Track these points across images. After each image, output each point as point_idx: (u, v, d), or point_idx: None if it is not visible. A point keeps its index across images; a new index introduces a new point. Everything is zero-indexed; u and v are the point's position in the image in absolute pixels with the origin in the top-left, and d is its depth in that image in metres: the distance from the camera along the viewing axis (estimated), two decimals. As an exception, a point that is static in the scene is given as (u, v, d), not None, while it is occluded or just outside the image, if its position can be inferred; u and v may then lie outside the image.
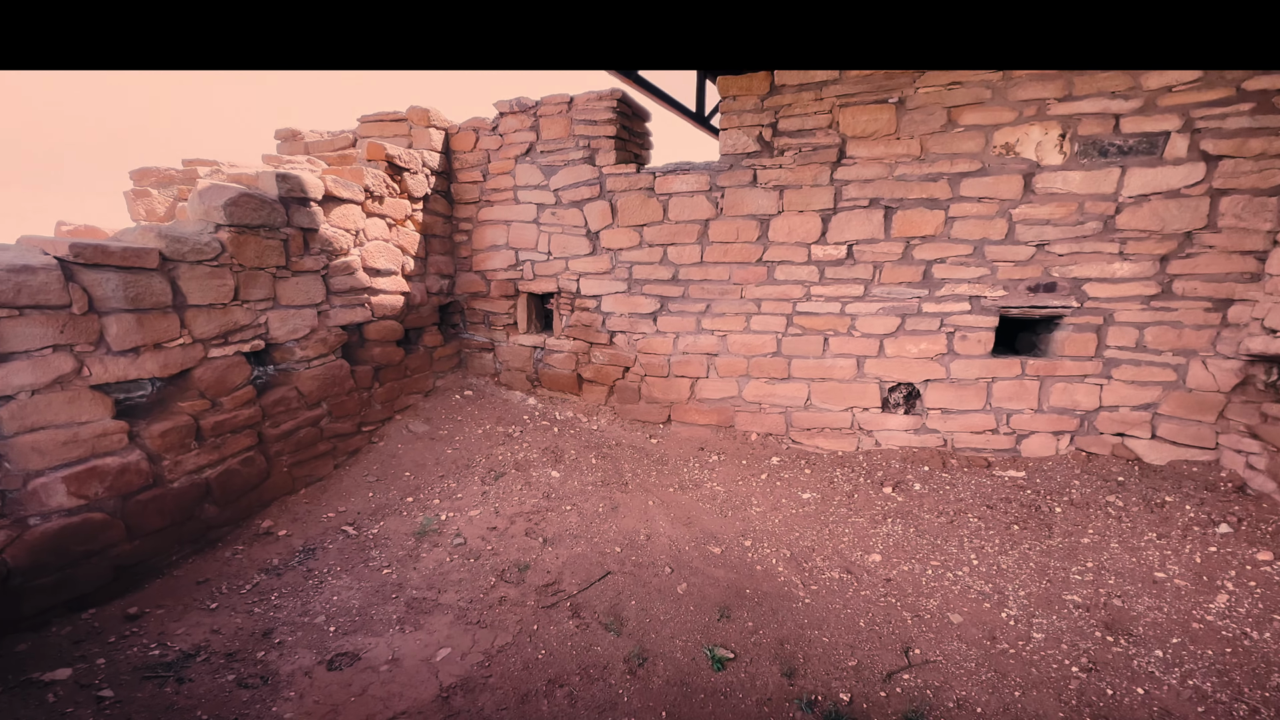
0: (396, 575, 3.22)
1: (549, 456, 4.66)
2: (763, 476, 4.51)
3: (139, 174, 4.55)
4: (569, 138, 5.15)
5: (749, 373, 4.99)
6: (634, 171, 5.01)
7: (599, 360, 5.42)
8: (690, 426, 5.23)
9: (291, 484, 3.93)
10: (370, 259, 4.59)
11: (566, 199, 5.25)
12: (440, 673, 2.53)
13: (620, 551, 3.56)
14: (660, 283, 5.10)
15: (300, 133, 5.87)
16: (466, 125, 5.52)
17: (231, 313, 3.49)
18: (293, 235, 3.88)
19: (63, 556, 2.66)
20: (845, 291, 4.63)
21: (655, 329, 5.19)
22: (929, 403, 4.58)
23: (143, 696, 2.21)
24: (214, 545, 3.34)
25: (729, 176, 4.75)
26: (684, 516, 4.00)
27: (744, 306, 4.91)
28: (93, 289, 2.79)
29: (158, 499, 3.05)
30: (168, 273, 3.13)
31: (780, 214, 4.68)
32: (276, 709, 2.25)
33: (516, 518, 3.86)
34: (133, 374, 2.97)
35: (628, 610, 3.06)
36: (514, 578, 3.27)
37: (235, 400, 3.49)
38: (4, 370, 2.49)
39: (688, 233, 4.94)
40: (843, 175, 4.48)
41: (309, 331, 4.04)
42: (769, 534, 3.82)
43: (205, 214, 3.45)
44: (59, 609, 2.65)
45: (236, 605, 2.87)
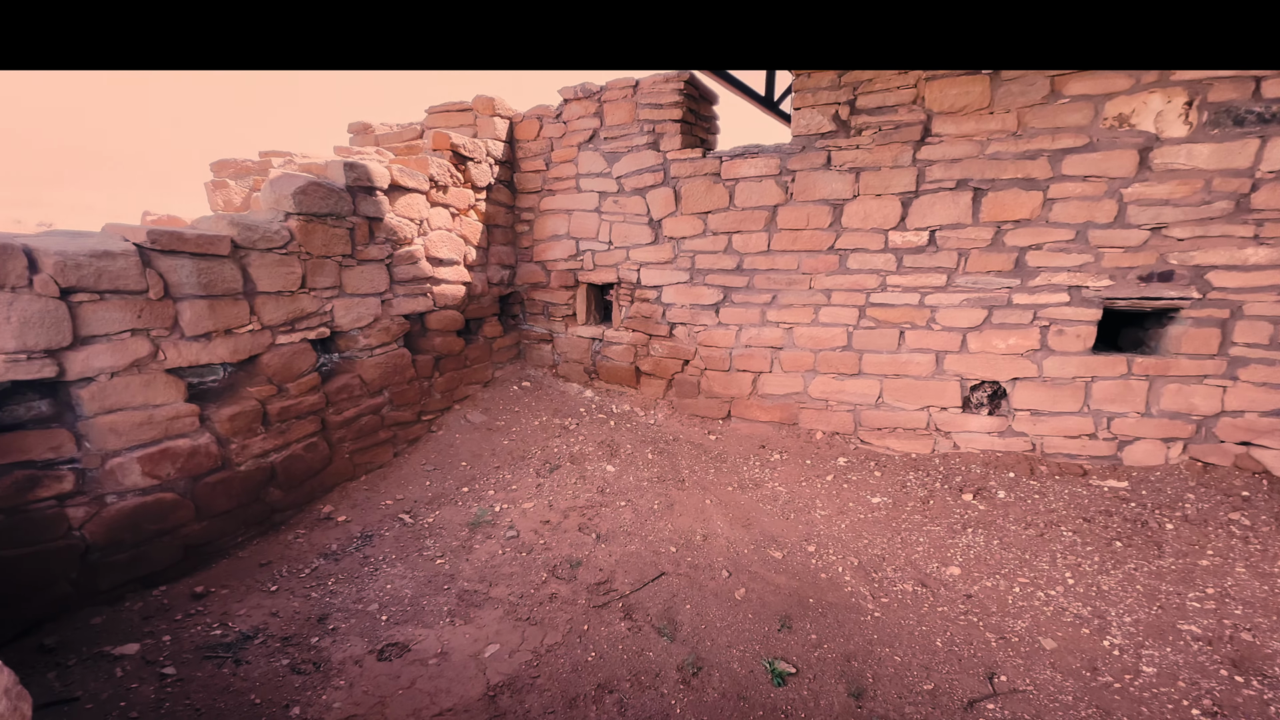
0: (449, 566, 3.20)
1: (604, 450, 4.57)
2: (828, 478, 4.26)
3: (218, 165, 4.75)
4: (633, 123, 5.01)
5: (816, 368, 4.73)
6: (699, 156, 4.83)
7: (658, 353, 5.28)
8: (751, 423, 5.02)
9: (352, 470, 3.99)
10: (433, 248, 4.62)
11: (629, 186, 5.12)
12: (488, 670, 2.48)
13: (675, 551, 3.43)
14: (724, 272, 4.90)
15: (371, 126, 6.00)
16: (530, 113, 5.48)
17: (299, 300, 3.55)
18: (358, 224, 3.92)
19: (137, 534, 2.77)
20: (925, 281, 4.28)
21: (717, 321, 5.00)
22: (1017, 403, 4.18)
23: (201, 676, 2.25)
24: (277, 528, 3.43)
25: (801, 159, 4.49)
26: (743, 517, 3.82)
27: (812, 297, 4.64)
28: (168, 275, 2.88)
29: (225, 481, 3.14)
30: (239, 260, 3.21)
31: (855, 198, 4.38)
32: (326, 697, 2.24)
33: (570, 512, 3.78)
34: (204, 359, 3.05)
35: (682, 614, 2.92)
36: (566, 574, 3.19)
37: (300, 386, 3.57)
38: (85, 353, 2.59)
39: (754, 220, 4.72)
40: (926, 155, 4.13)
41: (372, 320, 4.09)
42: (835, 540, 3.60)
43: (276, 202, 3.52)
44: (132, 584, 2.76)
45: (295, 589, 2.92)
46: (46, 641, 2.35)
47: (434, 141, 4.79)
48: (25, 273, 2.39)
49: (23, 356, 2.40)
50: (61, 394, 2.56)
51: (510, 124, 5.52)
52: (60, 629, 2.45)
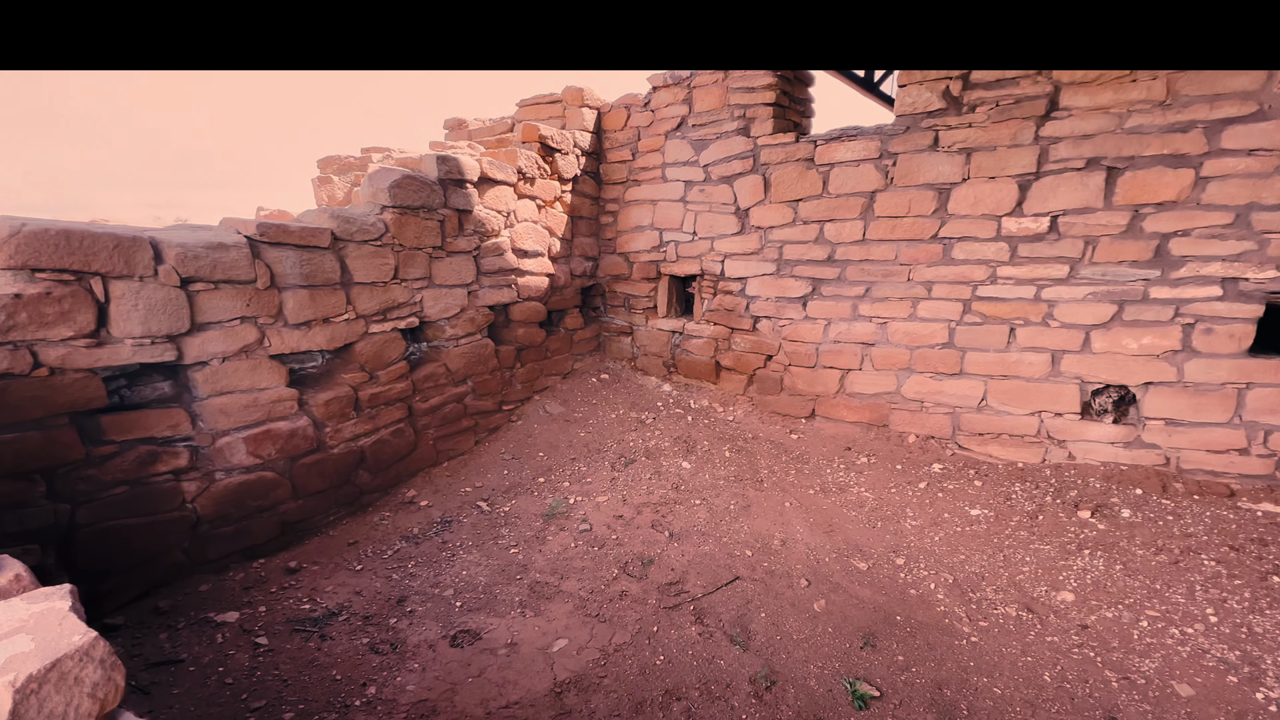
0: (522, 556, 3.23)
1: (680, 446, 4.48)
2: (920, 485, 3.96)
3: (324, 162, 5.05)
4: (723, 108, 4.84)
5: (911, 366, 4.38)
6: (792, 141, 4.59)
7: (739, 347, 5.10)
8: (836, 423, 4.74)
9: (435, 456, 4.14)
10: (519, 240, 4.68)
11: (716, 175, 4.96)
12: (555, 665, 2.46)
13: (751, 555, 3.29)
14: (813, 264, 4.65)
15: (465, 121, 6.19)
16: (618, 103, 5.44)
17: (391, 290, 3.70)
18: (449, 216, 4.03)
19: (241, 509, 2.99)
20: (1043, 273, 3.84)
21: (804, 315, 4.75)
22: (1149, 410, 3.67)
23: (290, 648, 2.39)
24: (364, 509, 3.61)
25: (904, 141, 4.15)
26: (825, 523, 3.61)
27: (911, 290, 4.30)
28: (275, 266, 3.06)
29: (319, 463, 3.33)
30: (338, 251, 3.37)
31: (964, 182, 4.00)
32: (401, 679, 2.30)
33: (644, 508, 3.72)
34: (304, 346, 3.24)
35: (756, 623, 2.79)
36: (637, 572, 3.13)
37: (390, 374, 3.72)
38: (200, 338, 2.81)
39: (849, 207, 4.43)
40: (1052, 131, 3.69)
41: (459, 310, 4.20)
42: (926, 553, 3.33)
43: (373, 196, 3.67)
44: (235, 556, 2.99)
45: (378, 569, 3.05)
46: (161, 604, 2.59)
47: (523, 134, 4.85)
48: (151, 263, 2.61)
49: (148, 341, 2.62)
50: (179, 376, 2.80)
51: (598, 114, 5.50)
52: (173, 594, 2.69)
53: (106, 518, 2.54)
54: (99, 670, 0.99)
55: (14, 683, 0.89)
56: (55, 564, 2.35)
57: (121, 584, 2.59)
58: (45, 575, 2.26)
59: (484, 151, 4.69)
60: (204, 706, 2.05)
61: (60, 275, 2.36)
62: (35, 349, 2.30)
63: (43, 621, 1.04)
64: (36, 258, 2.29)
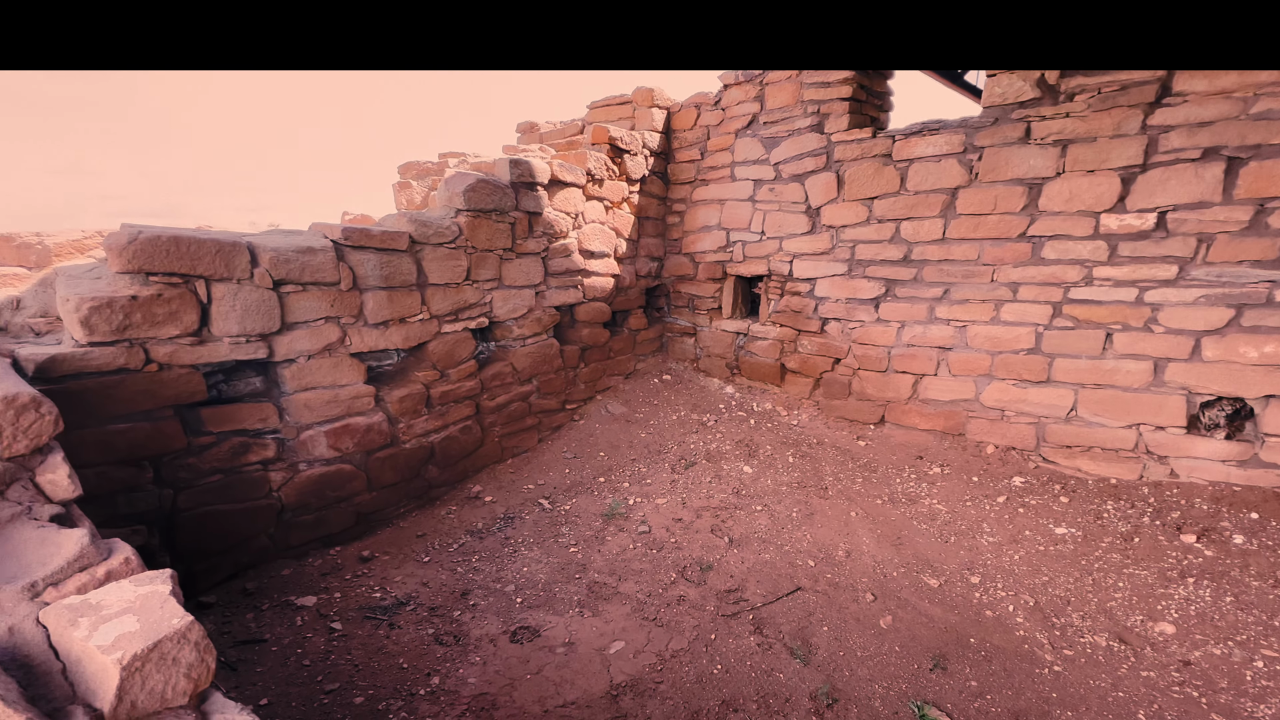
0: (581, 555, 3.27)
1: (742, 450, 4.40)
2: (999, 500, 3.73)
3: (404, 168, 5.27)
4: (796, 104, 4.72)
5: (992, 372, 4.13)
6: (868, 136, 4.41)
7: (806, 350, 4.96)
8: (908, 430, 4.54)
9: (500, 453, 4.25)
10: (586, 241, 4.74)
11: (787, 173, 4.84)
12: (612, 667, 2.47)
13: (814, 566, 3.20)
14: (888, 264, 4.46)
15: (537, 124, 6.31)
16: (689, 102, 5.40)
17: (463, 291, 3.82)
18: (519, 218, 4.12)
19: (320, 499, 3.18)
20: (1148, 274, 3.52)
21: (876, 317, 4.57)
22: (1269, 426, 3.30)
23: (362, 634, 2.52)
24: (432, 503, 3.75)
25: (991, 134, 3.91)
26: (893, 535, 3.47)
27: (994, 292, 4.05)
28: (357, 268, 3.22)
29: (392, 457, 3.48)
30: (414, 254, 3.51)
31: (1059, 176, 3.72)
32: (463, 671, 2.38)
33: (703, 511, 3.69)
34: (381, 345, 3.40)
35: (818, 636, 2.71)
36: (695, 577, 3.11)
37: (460, 373, 3.85)
38: (289, 337, 3.00)
39: (928, 205, 4.22)
40: (1162, 119, 3.37)
41: (526, 311, 4.30)
42: (1005, 572, 3.14)
43: (448, 200, 3.81)
44: (314, 544, 3.18)
45: (444, 562, 3.17)
46: (248, 586, 2.79)
47: (593, 136, 4.89)
48: (248, 267, 2.81)
49: (243, 339, 2.82)
50: (269, 373, 3.00)
51: (667, 115, 5.48)
52: (259, 576, 2.90)
53: (203, 503, 2.76)
54: (194, 652, 1.07)
55: (121, 660, 0.98)
56: (159, 544, 2.58)
57: (214, 565, 2.81)
58: (150, 555, 2.48)
59: (554, 154, 4.77)
60: (283, 686, 2.19)
61: (170, 278, 2.57)
62: (147, 346, 2.52)
63: (147, 603, 1.13)
64: (150, 262, 2.50)
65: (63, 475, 1.57)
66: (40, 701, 0.97)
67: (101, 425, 2.41)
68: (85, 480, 1.61)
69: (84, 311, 2.34)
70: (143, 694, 1.01)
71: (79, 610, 1.10)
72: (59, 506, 1.54)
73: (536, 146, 5.21)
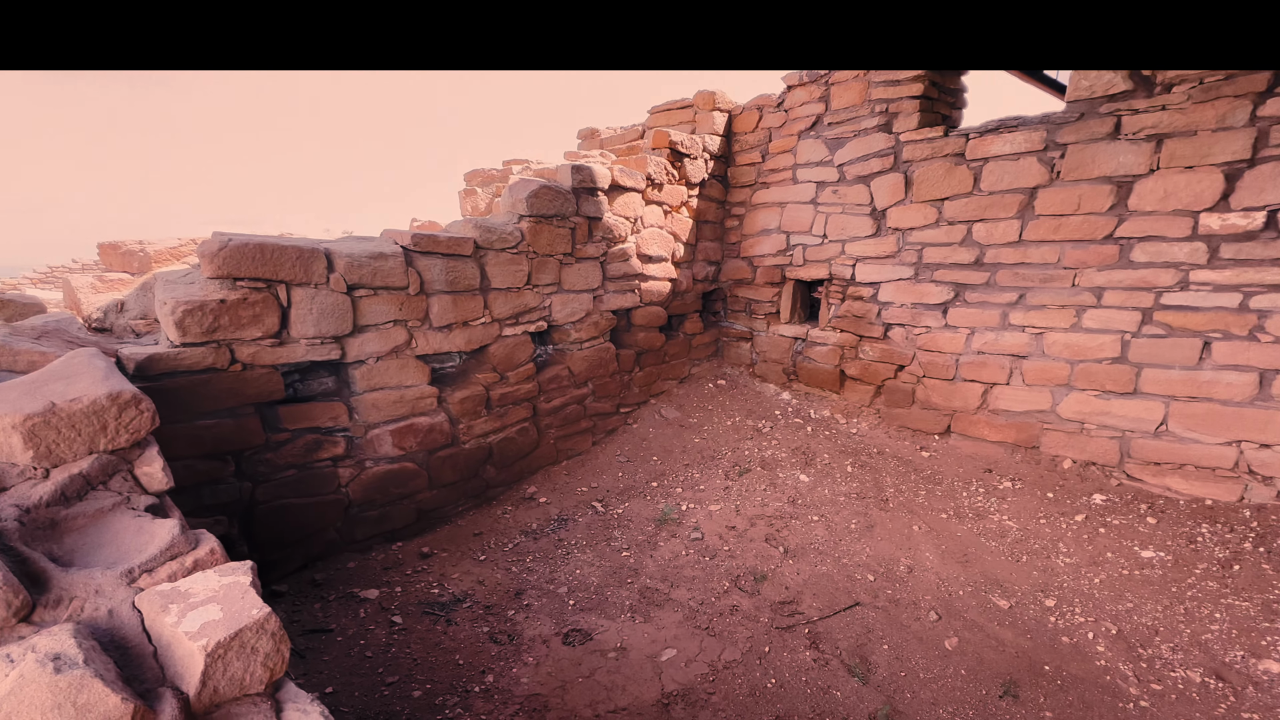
0: (634, 560, 3.28)
1: (799, 458, 4.31)
2: (1077, 518, 3.52)
3: (469, 175, 5.44)
4: (863, 104, 4.59)
5: (1071, 382, 3.90)
6: (940, 135, 4.24)
7: (867, 356, 4.81)
8: (975, 441, 4.33)
9: (555, 455, 4.32)
10: (644, 246, 4.75)
11: (852, 174, 4.72)
12: (663, 675, 2.47)
13: (873, 581, 3.11)
14: (958, 267, 4.27)
15: (598, 130, 6.39)
16: (751, 104, 5.35)
17: (523, 295, 3.90)
18: (579, 223, 4.18)
19: (384, 496, 3.31)
20: (1254, 278, 3.24)
21: (943, 323, 4.38)
22: (1406, 460, 2.96)
23: (420, 629, 2.61)
24: (489, 502, 3.85)
25: (1076, 129, 3.69)
26: (959, 551, 3.33)
27: (1075, 297, 3.82)
28: (424, 273, 3.34)
29: (452, 457, 3.60)
30: (478, 259, 3.61)
31: (1152, 173, 3.48)
32: (516, 671, 2.43)
33: (757, 520, 3.63)
34: (445, 347, 3.51)
35: (878, 655, 2.63)
36: (749, 587, 3.07)
37: (519, 375, 3.94)
38: (360, 339, 3.14)
39: (1004, 205, 4.02)
40: (1274, 110, 3.10)
41: (584, 315, 4.35)
42: (1084, 596, 2.97)
43: (512, 206, 3.90)
44: (378, 539, 3.32)
45: (499, 561, 3.24)
46: (317, 577, 2.94)
47: (653, 140, 4.91)
48: (325, 272, 2.96)
49: (318, 341, 2.98)
50: (341, 373, 3.15)
51: (729, 117, 5.44)
52: (326, 568, 3.05)
53: (278, 496, 2.93)
54: (270, 642, 1.13)
55: (206, 648, 1.04)
56: (238, 534, 2.75)
57: (287, 555, 2.97)
58: (230, 544, 2.65)
59: (615, 159, 4.81)
60: (347, 675, 2.30)
61: (255, 283, 2.74)
62: (232, 347, 2.70)
63: (229, 593, 1.20)
64: (237, 268, 2.67)
65: (157, 468, 1.69)
66: (134, 682, 1.05)
67: (190, 421, 2.59)
68: (174, 472, 1.73)
69: (178, 314, 2.52)
70: (224, 680, 1.07)
71: (169, 597, 1.18)
72: (154, 497, 1.66)
73: (597, 152, 5.28)
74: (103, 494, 1.55)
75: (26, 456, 1.48)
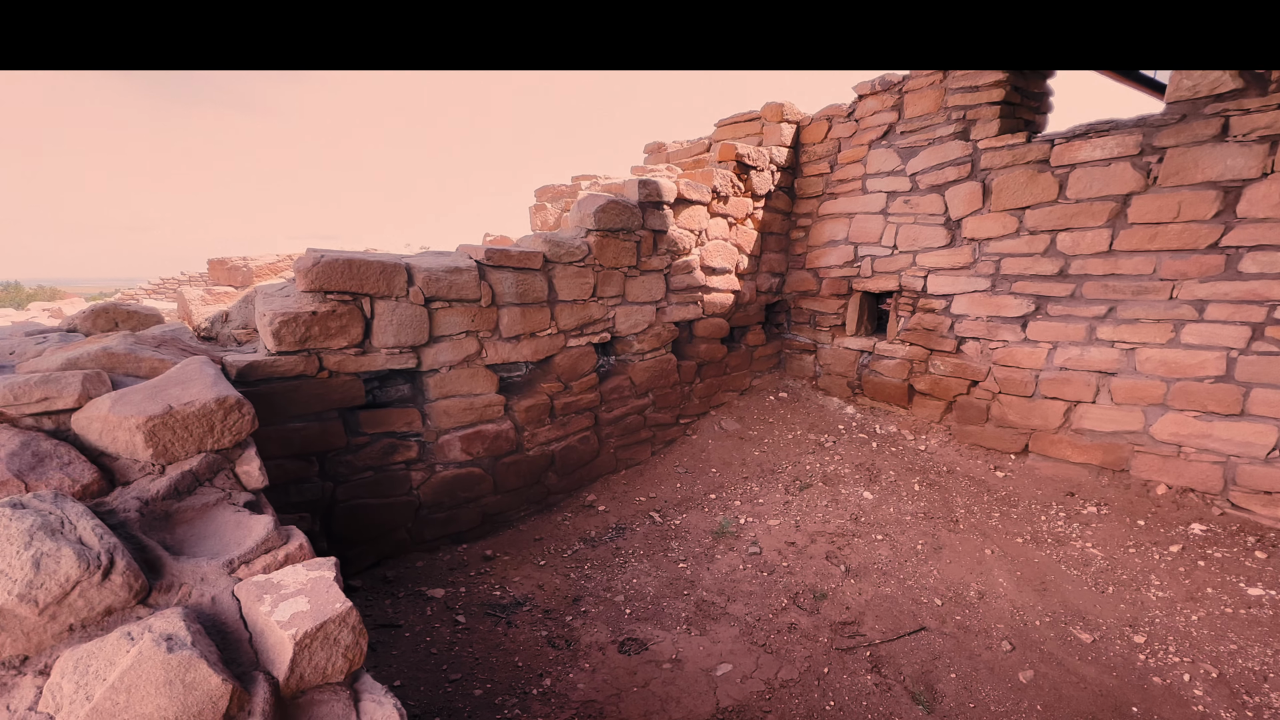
0: (690, 572, 3.29)
1: (863, 474, 4.20)
2: (1172, 549, 3.28)
3: (539, 191, 5.63)
4: (938, 111, 4.47)
5: (1166, 401, 3.64)
6: (1022, 142, 4.07)
7: (939, 370, 4.63)
8: (1056, 462, 4.10)
9: (614, 465, 4.38)
10: (708, 258, 4.77)
11: (925, 183, 4.59)
12: (718, 690, 2.47)
13: (940, 605, 3.00)
14: (1040, 279, 4.08)
15: (664, 144, 6.47)
16: (820, 114, 5.29)
17: (588, 307, 4.00)
18: (645, 237, 4.25)
19: (452, 499, 3.47)
20: (1385, 301, 2.92)
21: (1022, 337, 4.18)
22: None
23: (483, 629, 2.71)
24: (550, 509, 3.95)
25: (1177, 131, 3.47)
26: (1036, 579, 3.16)
27: (1173, 310, 3.57)
28: (496, 286, 3.49)
29: (516, 463, 3.72)
30: (547, 272, 3.74)
31: (1265, 178, 3.25)
32: (573, 676, 2.49)
33: (818, 536, 3.56)
34: (513, 357, 3.64)
35: (945, 683, 2.54)
36: (808, 605, 3.02)
37: (581, 385, 4.03)
38: (435, 349, 3.31)
39: (1092, 214, 3.81)
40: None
41: (646, 326, 4.41)
42: (1179, 635, 2.76)
43: (580, 221, 4.01)
44: (444, 540, 3.47)
45: (558, 566, 3.33)
46: (388, 574, 3.11)
47: (720, 153, 4.93)
48: (405, 285, 3.14)
49: (397, 351, 3.16)
50: (416, 381, 3.33)
51: (796, 128, 5.39)
52: (396, 566, 3.22)
53: (356, 496, 3.12)
54: (351, 635, 1.23)
55: (295, 637, 1.14)
56: (319, 531, 2.95)
57: (362, 552, 3.16)
58: (312, 540, 2.84)
59: (681, 173, 4.87)
60: (413, 670, 2.42)
61: (342, 296, 2.94)
62: (321, 355, 2.91)
63: (315, 587, 1.31)
64: (328, 282, 2.88)
65: (255, 467, 1.86)
66: (231, 664, 1.16)
67: (282, 424, 2.81)
68: (267, 471, 1.89)
69: (275, 325, 2.75)
70: (309, 668, 1.17)
71: (264, 588, 1.30)
72: (251, 494, 1.82)
73: (663, 166, 5.34)
74: (208, 490, 1.72)
75: (146, 454, 1.66)
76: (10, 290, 21.28)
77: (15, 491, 1.44)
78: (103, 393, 1.79)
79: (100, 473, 1.57)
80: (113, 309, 2.74)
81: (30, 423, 1.69)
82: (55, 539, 1.16)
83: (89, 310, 2.71)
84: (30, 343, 2.35)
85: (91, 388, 1.77)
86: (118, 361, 2.13)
